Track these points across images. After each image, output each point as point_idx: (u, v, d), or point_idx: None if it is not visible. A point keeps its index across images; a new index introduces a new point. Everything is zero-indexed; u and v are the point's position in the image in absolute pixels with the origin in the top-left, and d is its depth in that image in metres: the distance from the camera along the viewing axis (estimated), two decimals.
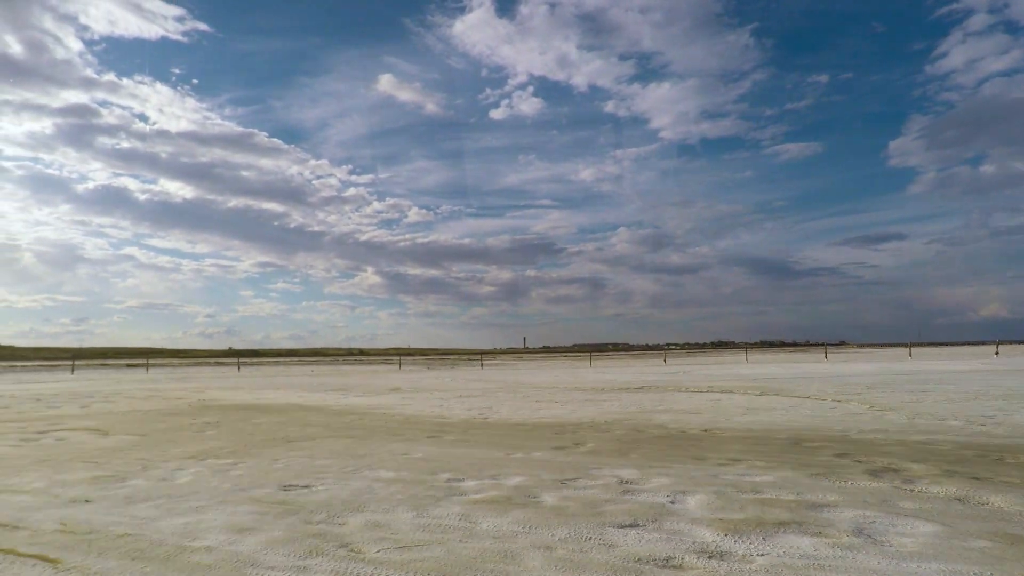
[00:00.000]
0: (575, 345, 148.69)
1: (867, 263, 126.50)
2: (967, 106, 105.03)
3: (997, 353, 32.52)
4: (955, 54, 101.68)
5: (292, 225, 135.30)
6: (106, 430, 7.92)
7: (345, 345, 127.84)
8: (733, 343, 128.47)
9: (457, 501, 3.92)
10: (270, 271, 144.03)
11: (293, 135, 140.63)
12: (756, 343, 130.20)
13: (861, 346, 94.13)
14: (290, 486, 4.45)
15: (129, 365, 44.28)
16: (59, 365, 43.92)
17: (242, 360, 47.81)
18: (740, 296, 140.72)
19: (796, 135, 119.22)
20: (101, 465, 5.45)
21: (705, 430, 6.85)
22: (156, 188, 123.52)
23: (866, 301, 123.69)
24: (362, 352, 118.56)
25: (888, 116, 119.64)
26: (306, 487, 4.42)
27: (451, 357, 70.21)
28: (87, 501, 4.11)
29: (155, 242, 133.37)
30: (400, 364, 40.34)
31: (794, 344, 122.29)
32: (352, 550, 3.01)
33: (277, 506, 3.89)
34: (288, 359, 64.51)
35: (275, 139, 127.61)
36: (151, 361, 43.85)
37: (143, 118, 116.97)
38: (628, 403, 10.24)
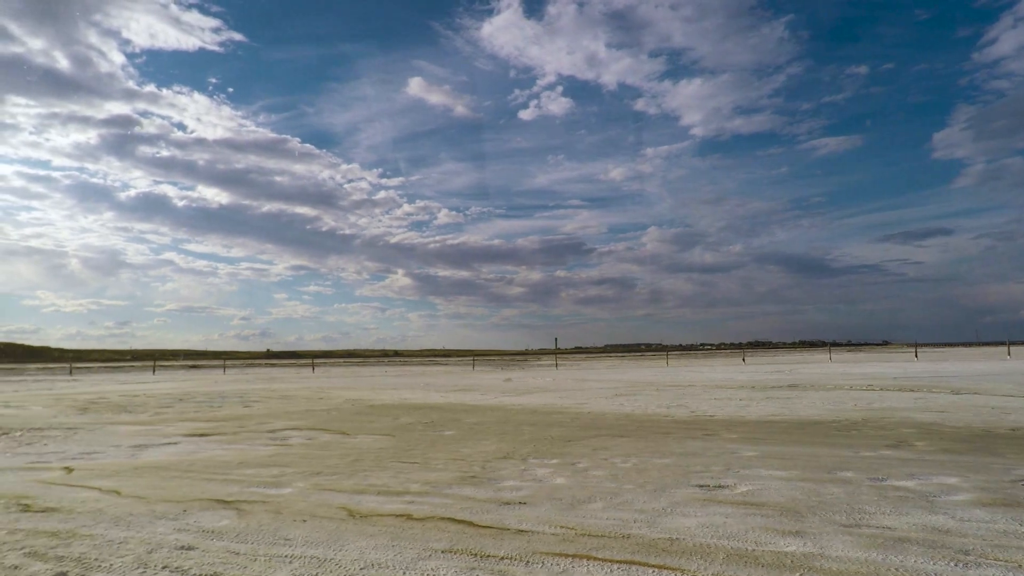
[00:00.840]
0: (607, 346, 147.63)
1: (910, 260, 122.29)
2: (1019, 94, 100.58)
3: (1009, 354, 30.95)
4: (1005, 40, 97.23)
5: (324, 228, 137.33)
6: (342, 430, 7.75)
7: (376, 347, 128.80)
8: (770, 343, 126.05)
9: (950, 503, 3.56)
10: (303, 274, 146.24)
11: (325, 140, 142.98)
12: (795, 343, 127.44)
13: (911, 345, 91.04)
14: (704, 485, 4.15)
15: (194, 366, 44.98)
16: (123, 367, 44.84)
17: (302, 362, 48.23)
18: (775, 295, 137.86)
19: (834, 129, 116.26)
20: (429, 465, 5.22)
21: (1012, 429, 6.38)
22: (194, 194, 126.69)
23: (909, 299, 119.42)
24: (397, 353, 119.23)
25: (932, 107, 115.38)
26: (720, 487, 4.11)
27: (496, 358, 69.99)
28: (522, 503, 3.84)
29: (193, 247, 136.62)
30: (473, 365, 40.21)
31: (836, 344, 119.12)
32: (983, 556, 2.66)
33: (749, 507, 3.57)
34: (334, 360, 65.04)
35: (307, 144, 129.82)
36: (210, 363, 44.58)
37: (181, 127, 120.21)
38: (829, 401, 9.77)
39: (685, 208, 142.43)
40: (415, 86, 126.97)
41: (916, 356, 32.82)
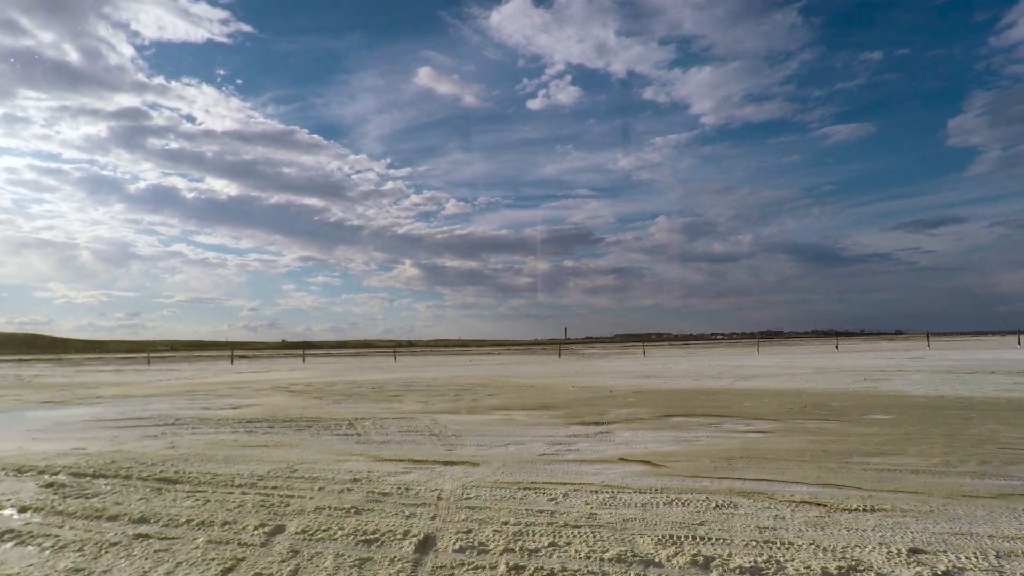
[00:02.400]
0: (617, 335, 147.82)
1: (922, 248, 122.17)
2: None
3: None
4: (1023, 24, 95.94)
5: (332, 219, 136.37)
6: (769, 416, 7.08)
7: (384, 337, 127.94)
8: (782, 333, 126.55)
9: None
10: (311, 265, 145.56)
11: (333, 131, 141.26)
12: (807, 333, 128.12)
13: (937, 335, 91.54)
14: None
15: (243, 356, 43.89)
16: (185, 357, 43.64)
17: (348, 352, 47.25)
18: (785, 285, 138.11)
19: (847, 116, 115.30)
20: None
21: None
22: (202, 186, 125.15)
23: (922, 288, 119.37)
24: (411, 344, 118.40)
25: (947, 93, 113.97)
26: None
27: (564, 347, 69.22)
28: None
29: (201, 238, 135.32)
30: (559, 353, 39.49)
31: (849, 333, 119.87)
32: None
33: None
34: (368, 351, 64.11)
35: (315, 135, 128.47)
36: (248, 353, 43.47)
37: (190, 119, 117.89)
38: None
39: (694, 197, 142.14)
40: (423, 76, 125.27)
41: (1020, 343, 32.45)
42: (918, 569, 2.38)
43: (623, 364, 22.39)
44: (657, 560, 2.55)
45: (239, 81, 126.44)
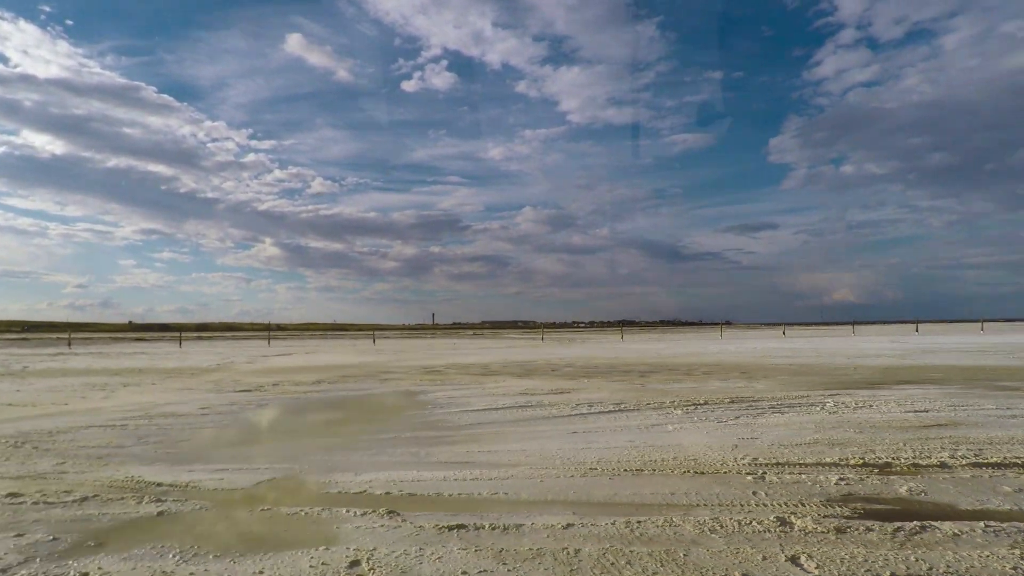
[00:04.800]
0: (483, 322, 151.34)
1: (745, 249, 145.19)
2: (834, 111, 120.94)
3: (982, 329, 41.77)
4: (827, 63, 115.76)
5: (182, 190, 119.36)
6: None
7: (240, 319, 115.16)
8: (636, 322, 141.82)
9: None
10: (155, 239, 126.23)
11: (186, 93, 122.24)
12: (657, 322, 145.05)
13: (770, 325, 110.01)
14: None
15: (139, 339, 36.38)
16: (32, 339, 34.43)
17: (237, 335, 41.84)
18: (635, 277, 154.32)
19: (692, 127, 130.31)
20: None
21: None
22: (17, 140, 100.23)
23: (743, 285, 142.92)
24: (280, 327, 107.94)
25: (771, 115, 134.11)
26: None
27: (440, 332, 67.70)
28: None
29: (15, 202, 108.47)
30: (543, 336, 39.12)
31: (688, 323, 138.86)
32: None
33: None
34: (259, 334, 57.19)
35: (165, 95, 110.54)
36: (117, 336, 36.18)
37: (3, 59, 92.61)
38: None
39: (559, 191, 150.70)
40: (293, 43, 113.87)
41: (917, 330, 40.27)
42: None
43: (652, 347, 23.92)
44: None
45: (69, 22, 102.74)
